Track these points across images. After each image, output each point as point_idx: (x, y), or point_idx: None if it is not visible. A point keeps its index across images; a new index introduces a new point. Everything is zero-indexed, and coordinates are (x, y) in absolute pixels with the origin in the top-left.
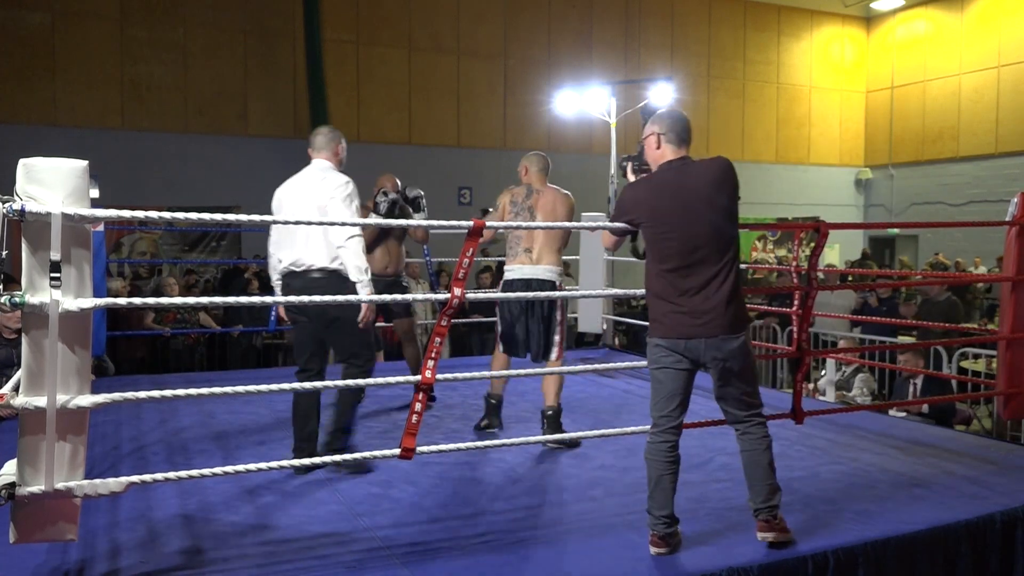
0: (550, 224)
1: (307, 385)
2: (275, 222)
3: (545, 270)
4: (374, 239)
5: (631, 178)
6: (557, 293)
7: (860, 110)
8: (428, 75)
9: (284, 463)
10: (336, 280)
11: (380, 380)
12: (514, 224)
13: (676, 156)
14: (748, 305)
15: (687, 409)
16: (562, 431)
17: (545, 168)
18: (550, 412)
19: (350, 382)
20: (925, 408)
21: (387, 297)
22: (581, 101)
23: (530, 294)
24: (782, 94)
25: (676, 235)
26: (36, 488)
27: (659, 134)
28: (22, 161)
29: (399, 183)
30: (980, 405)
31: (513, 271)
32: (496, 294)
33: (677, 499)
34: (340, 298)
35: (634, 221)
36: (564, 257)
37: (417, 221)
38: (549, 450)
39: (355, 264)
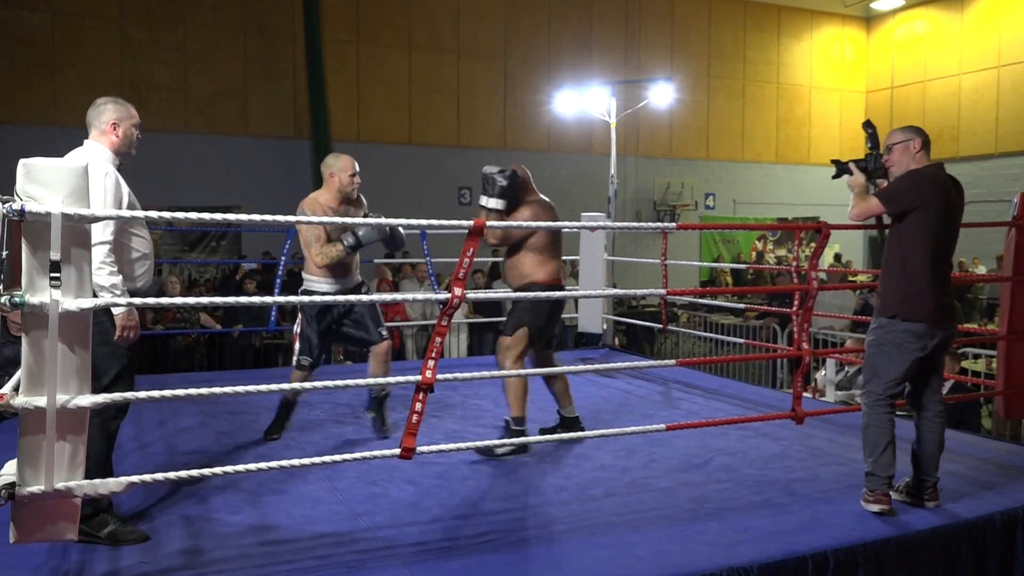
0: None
1: (311, 385)
2: (275, 222)
3: (305, 279)
4: None
5: (859, 179)
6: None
7: (860, 110)
8: (428, 75)
9: (284, 463)
10: None
11: (380, 380)
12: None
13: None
14: (747, 305)
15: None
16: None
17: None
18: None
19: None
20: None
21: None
22: (581, 101)
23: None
24: (782, 94)
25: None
26: (36, 488)
27: (922, 141)
28: (22, 161)
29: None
30: (980, 405)
31: None
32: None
33: (678, 499)
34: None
35: (908, 208)
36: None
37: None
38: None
39: (96, 278)
